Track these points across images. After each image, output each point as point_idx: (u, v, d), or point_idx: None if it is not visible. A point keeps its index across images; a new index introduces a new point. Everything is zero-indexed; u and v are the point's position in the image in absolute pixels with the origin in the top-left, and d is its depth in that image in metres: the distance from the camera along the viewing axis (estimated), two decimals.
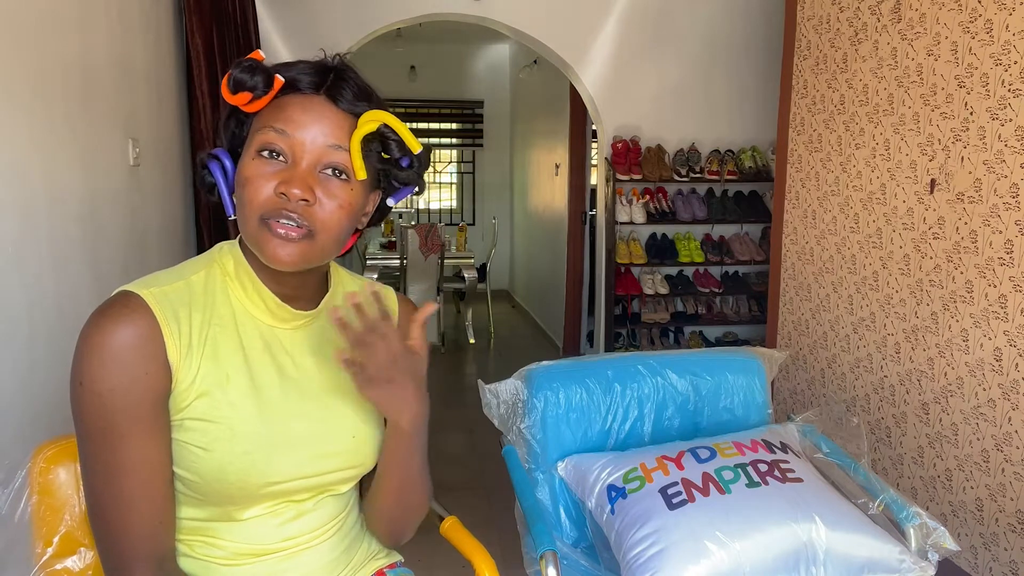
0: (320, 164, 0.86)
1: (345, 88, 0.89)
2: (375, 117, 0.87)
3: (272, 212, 0.84)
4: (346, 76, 0.91)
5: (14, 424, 1.75)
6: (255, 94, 0.86)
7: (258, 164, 0.86)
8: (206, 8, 3.06)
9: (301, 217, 0.85)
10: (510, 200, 8.12)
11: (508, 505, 1.67)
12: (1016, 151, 2.07)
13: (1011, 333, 2.10)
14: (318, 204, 0.86)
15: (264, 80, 0.86)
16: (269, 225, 0.85)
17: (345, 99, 0.88)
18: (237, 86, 0.85)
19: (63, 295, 2.01)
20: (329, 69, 0.90)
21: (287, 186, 0.84)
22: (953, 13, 2.29)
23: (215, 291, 0.91)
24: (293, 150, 0.86)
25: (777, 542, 1.43)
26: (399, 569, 1.13)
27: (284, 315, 0.94)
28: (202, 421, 0.86)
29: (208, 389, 0.87)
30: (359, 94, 0.90)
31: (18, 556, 1.00)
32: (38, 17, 1.91)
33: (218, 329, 0.89)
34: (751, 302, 4.61)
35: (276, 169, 0.85)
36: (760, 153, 4.44)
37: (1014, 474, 2.10)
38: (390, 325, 0.87)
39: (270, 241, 0.85)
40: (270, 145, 0.86)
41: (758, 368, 1.91)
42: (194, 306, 0.88)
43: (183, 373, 0.85)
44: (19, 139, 1.81)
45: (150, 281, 0.88)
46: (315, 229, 0.86)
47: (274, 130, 0.86)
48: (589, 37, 4.32)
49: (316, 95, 0.88)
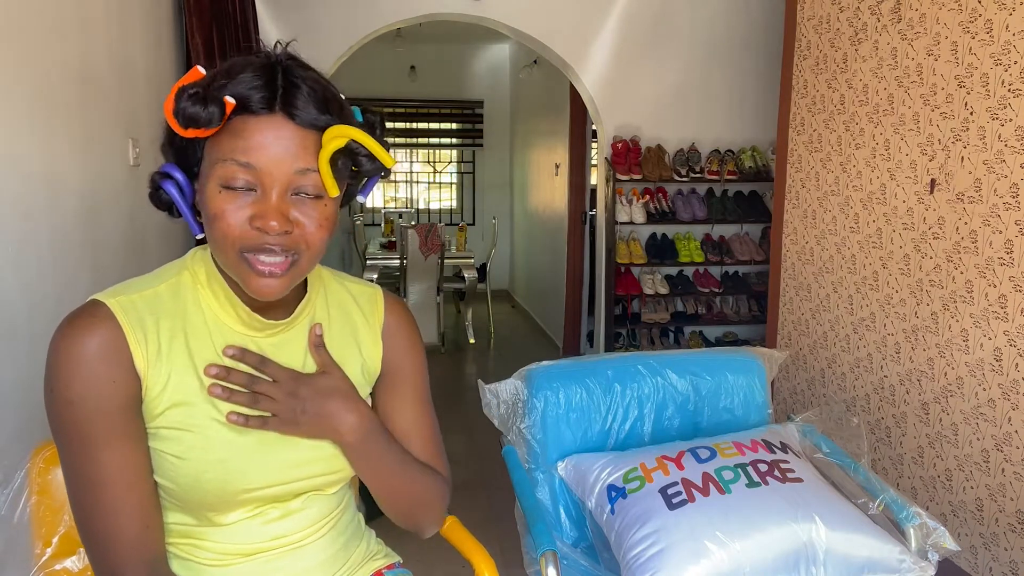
0: (290, 188, 0.82)
1: (300, 99, 0.80)
2: (340, 133, 0.80)
3: (252, 246, 0.81)
4: (298, 82, 0.82)
5: (13, 424, 1.75)
6: (211, 126, 0.79)
7: (225, 198, 0.80)
8: (206, 8, 3.06)
9: (283, 248, 0.82)
10: (510, 200, 8.12)
11: (508, 505, 1.67)
12: (1016, 151, 2.07)
13: (1011, 333, 2.10)
14: (297, 228, 0.82)
15: (218, 109, 0.78)
16: (249, 261, 0.82)
17: (304, 114, 0.80)
18: (190, 122, 0.78)
19: (63, 295, 2.01)
20: (275, 72, 0.81)
21: (263, 220, 0.80)
22: (953, 13, 2.29)
23: (186, 299, 0.89)
24: (260, 180, 0.80)
25: (777, 542, 1.43)
26: (398, 570, 1.12)
27: (257, 325, 0.91)
28: (176, 430, 0.85)
29: (181, 399, 0.86)
30: (317, 103, 0.81)
31: (17, 556, 1.00)
32: (38, 18, 1.91)
33: (189, 337, 0.88)
34: (751, 302, 4.61)
35: (246, 201, 0.81)
36: (760, 153, 4.44)
37: (1014, 474, 2.10)
38: (269, 366, 0.89)
39: (253, 277, 0.82)
40: (235, 179, 0.80)
41: (758, 368, 1.91)
42: (162, 314, 0.87)
43: (152, 381, 0.85)
44: (19, 139, 1.81)
45: (119, 289, 0.87)
46: (299, 252, 0.84)
47: (237, 163, 0.79)
48: (589, 37, 4.32)
49: (272, 114, 0.80)
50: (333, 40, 4.06)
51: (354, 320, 1.01)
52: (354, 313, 1.02)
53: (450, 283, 5.92)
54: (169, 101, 0.80)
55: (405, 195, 8.41)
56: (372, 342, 1.02)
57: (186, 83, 0.80)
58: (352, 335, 1.01)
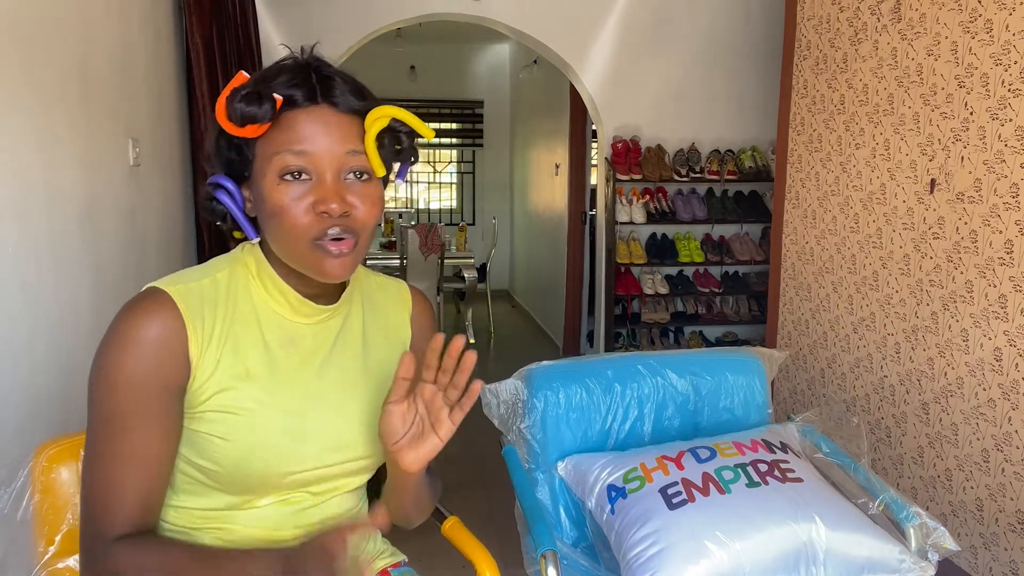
0: (343, 172, 0.88)
1: (337, 89, 0.88)
2: (383, 113, 0.88)
3: (320, 233, 0.86)
4: (329, 74, 0.89)
5: (15, 424, 1.75)
6: (263, 123, 0.85)
7: (285, 189, 0.86)
8: (206, 8, 3.06)
9: (346, 229, 0.87)
10: (510, 200, 8.11)
11: (508, 505, 1.67)
12: (1016, 151, 2.07)
13: (1011, 333, 2.10)
14: (354, 211, 0.87)
15: (270, 106, 0.85)
16: (323, 247, 0.87)
17: (345, 101, 0.88)
18: (246, 119, 0.84)
19: (63, 295, 2.01)
20: (308, 70, 0.88)
21: (324, 204, 0.85)
22: (953, 13, 2.29)
23: (238, 289, 0.94)
24: (315, 166, 0.86)
25: (777, 542, 1.43)
26: (403, 568, 1.13)
27: (306, 311, 0.96)
28: (223, 412, 0.89)
29: (230, 383, 0.89)
30: (354, 92, 0.89)
31: (20, 555, 1.00)
32: (38, 17, 1.91)
33: (240, 325, 0.92)
34: (751, 302, 4.61)
35: (304, 189, 0.86)
36: (760, 153, 4.44)
37: (1014, 474, 2.10)
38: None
39: (327, 260, 0.88)
40: (291, 167, 0.86)
41: (758, 368, 1.91)
42: (218, 303, 0.91)
43: (202, 369, 0.88)
44: (19, 139, 1.81)
45: (177, 279, 0.91)
46: (359, 234, 0.89)
47: (291, 152, 0.85)
48: (589, 37, 4.32)
49: (316, 105, 0.87)
50: (333, 40, 4.06)
51: (387, 311, 1.07)
52: (386, 304, 1.08)
53: (450, 283, 5.92)
54: (221, 106, 0.85)
55: (405, 195, 8.41)
56: (404, 326, 1.08)
57: (237, 85, 0.86)
58: (385, 326, 1.06)
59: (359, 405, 0.99)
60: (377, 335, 1.04)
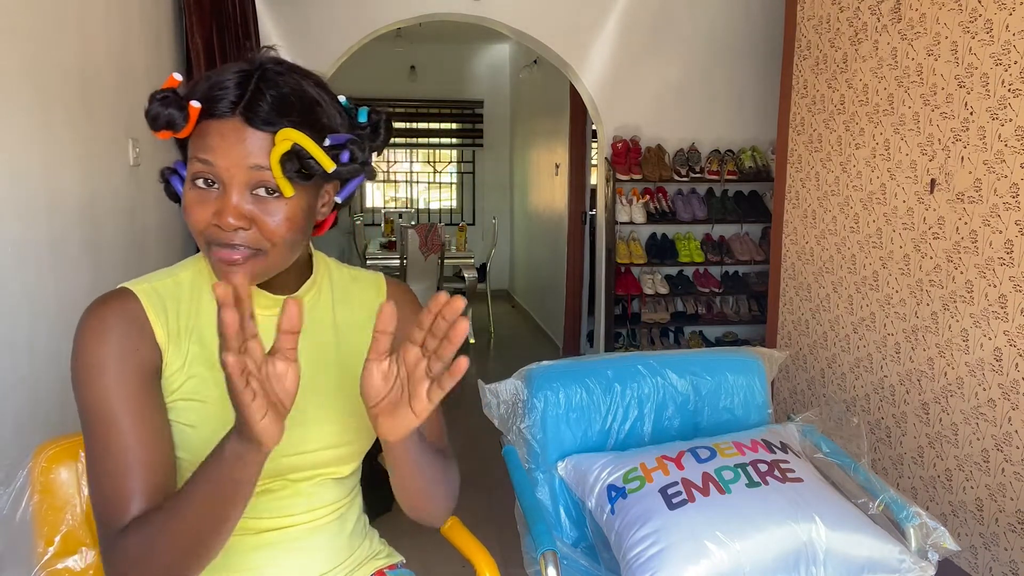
0: (249, 185, 0.87)
1: (261, 104, 0.85)
2: (286, 137, 0.85)
3: (213, 238, 0.88)
4: (265, 88, 0.87)
5: (14, 424, 1.75)
6: (175, 128, 0.86)
7: (194, 193, 0.88)
8: (206, 8, 3.06)
9: (241, 243, 0.87)
10: (510, 200, 8.11)
11: (508, 505, 1.67)
12: (1016, 151, 2.07)
13: (1011, 333, 2.10)
14: (257, 225, 0.87)
15: (180, 112, 0.85)
16: (212, 251, 0.88)
17: (260, 118, 0.85)
18: (155, 123, 0.85)
19: (63, 295, 2.01)
20: (248, 78, 0.87)
21: (220, 217, 0.86)
22: (953, 13, 2.29)
23: (202, 285, 0.97)
24: (220, 177, 0.86)
25: (777, 542, 1.43)
26: (400, 570, 1.13)
27: (264, 301, 0.96)
28: (191, 401, 0.91)
29: (197, 371, 0.92)
30: (278, 108, 0.86)
31: (19, 556, 1.00)
32: (38, 17, 1.91)
33: (204, 318, 0.94)
34: (751, 302, 4.61)
35: (212, 196, 0.87)
36: (760, 153, 4.44)
37: (1014, 474, 2.10)
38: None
39: (217, 266, 0.89)
40: (200, 174, 0.87)
41: (758, 368, 1.91)
42: (180, 300, 0.95)
43: (172, 357, 0.91)
44: (19, 140, 1.81)
45: (143, 279, 0.95)
46: (261, 247, 0.88)
47: (199, 160, 0.87)
48: (589, 37, 4.32)
49: (231, 118, 0.85)
50: (333, 40, 4.06)
51: (361, 300, 1.07)
52: (360, 295, 1.07)
53: (450, 283, 5.92)
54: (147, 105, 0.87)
55: (405, 195, 8.41)
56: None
57: (161, 89, 0.87)
58: (360, 315, 1.05)
59: (331, 394, 0.99)
60: (351, 326, 1.04)
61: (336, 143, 0.89)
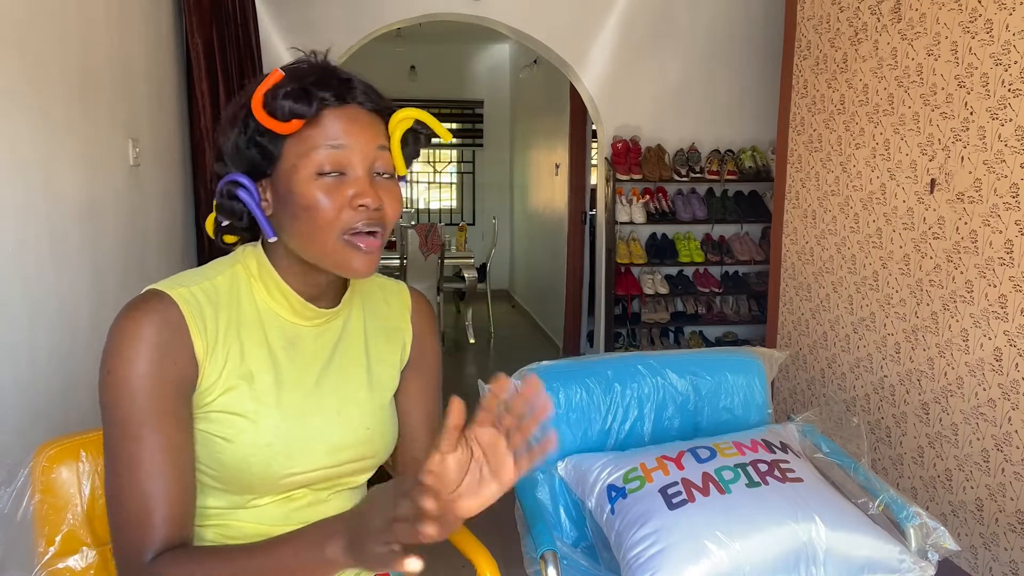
0: (372, 169, 0.90)
1: (359, 91, 0.91)
2: (407, 115, 0.92)
3: (350, 225, 0.88)
4: (344, 76, 0.92)
5: (15, 424, 1.75)
6: (308, 118, 0.87)
7: (321, 185, 0.87)
8: (206, 8, 3.06)
9: (377, 224, 0.89)
10: (510, 200, 8.11)
11: (508, 505, 1.66)
12: (1016, 151, 2.07)
13: (1011, 333, 2.10)
14: (384, 207, 0.90)
15: (318, 103, 0.87)
16: (353, 242, 0.88)
17: (370, 102, 0.91)
18: (292, 114, 0.86)
19: (63, 295, 2.01)
20: (326, 71, 0.91)
21: (362, 198, 0.87)
22: (953, 13, 2.29)
23: (239, 291, 0.94)
24: (350, 161, 0.88)
25: (777, 542, 1.43)
26: None
27: (307, 313, 0.97)
28: (227, 413, 0.89)
29: (234, 384, 0.90)
30: (374, 95, 0.93)
31: (20, 555, 1.00)
32: (38, 17, 1.91)
33: (244, 327, 0.92)
34: (751, 302, 4.61)
35: (338, 184, 0.88)
36: (760, 153, 4.44)
37: (1014, 474, 2.10)
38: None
39: (357, 256, 0.89)
40: (329, 164, 0.87)
41: (758, 368, 1.91)
42: (220, 306, 0.91)
43: (209, 369, 0.88)
44: (19, 139, 1.81)
45: (177, 281, 0.91)
46: (385, 231, 0.91)
47: (331, 147, 0.87)
48: (589, 37, 4.32)
49: (347, 105, 0.90)
50: (333, 40, 4.05)
51: (387, 312, 1.08)
52: (385, 306, 1.08)
53: (450, 283, 5.92)
54: (259, 102, 0.86)
55: (405, 195, 8.38)
56: (405, 327, 1.09)
57: (275, 82, 0.87)
58: (386, 327, 1.07)
59: (360, 407, 0.99)
60: (378, 336, 1.05)
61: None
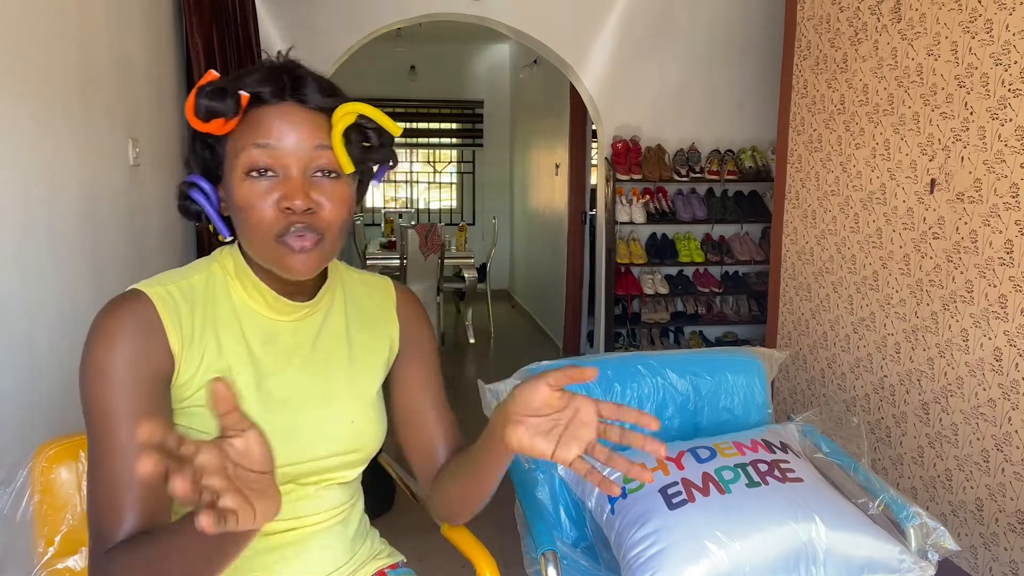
0: (310, 169, 0.87)
1: (307, 87, 0.88)
2: (350, 109, 0.87)
3: (283, 229, 0.87)
4: (301, 73, 0.90)
5: (15, 424, 1.75)
6: (227, 117, 0.86)
7: (251, 185, 0.86)
8: (206, 8, 3.06)
9: (309, 226, 0.87)
10: (510, 200, 8.11)
11: (508, 505, 1.66)
12: (1016, 151, 2.07)
13: (1011, 333, 2.10)
14: (320, 208, 0.88)
15: (234, 101, 0.86)
16: (285, 242, 0.87)
17: (313, 98, 0.88)
18: (210, 114, 0.85)
19: (63, 295, 2.01)
20: (280, 70, 0.89)
21: (288, 200, 0.85)
22: (953, 13, 2.29)
23: (216, 290, 0.95)
24: (281, 161, 0.86)
25: (777, 542, 1.43)
26: (401, 569, 1.13)
27: (283, 308, 0.97)
28: (204, 408, 0.89)
29: (211, 378, 0.89)
30: (323, 89, 0.89)
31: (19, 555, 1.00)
32: (38, 17, 1.91)
33: (220, 325, 0.93)
34: (751, 302, 4.61)
35: (270, 185, 0.86)
36: (760, 153, 4.44)
37: (1014, 474, 2.10)
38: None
39: (291, 257, 0.88)
40: (257, 163, 0.86)
41: (758, 368, 1.91)
42: (196, 304, 0.92)
43: (185, 364, 0.89)
44: (19, 139, 1.81)
45: (155, 280, 0.93)
46: (323, 233, 0.89)
47: (257, 146, 0.86)
48: (589, 37, 4.32)
49: (283, 102, 0.88)
50: (333, 40, 4.06)
51: (371, 306, 1.07)
52: (369, 300, 1.08)
53: (450, 283, 5.92)
54: (189, 102, 0.86)
55: (405, 195, 8.41)
56: (390, 320, 1.08)
57: (204, 83, 0.87)
58: (371, 321, 1.06)
59: (343, 400, 0.99)
60: (362, 330, 1.05)
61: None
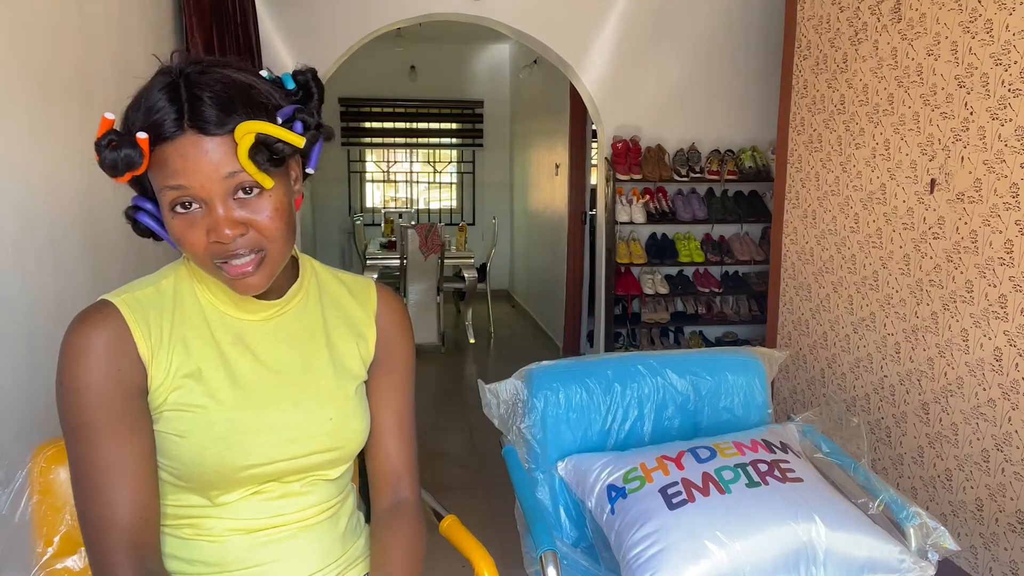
0: (229, 193, 0.86)
1: (205, 109, 0.83)
2: (247, 130, 0.83)
3: (217, 255, 0.87)
4: (199, 92, 0.84)
5: (14, 424, 1.75)
6: (136, 167, 0.83)
7: (180, 221, 0.87)
8: (206, 8, 3.06)
9: (246, 248, 0.87)
10: (510, 200, 8.11)
11: (508, 505, 1.67)
12: (1016, 151, 2.07)
13: (1011, 333, 2.10)
14: (252, 227, 0.87)
15: (135, 150, 0.82)
16: (223, 268, 0.88)
17: (211, 123, 0.83)
18: (115, 169, 0.83)
19: (63, 295, 2.01)
20: (177, 89, 0.84)
21: (216, 233, 0.85)
22: (953, 13, 2.29)
23: (183, 293, 0.97)
24: (197, 196, 0.85)
25: (777, 542, 1.43)
26: None
27: (251, 308, 0.98)
28: (178, 411, 0.91)
29: (181, 382, 0.92)
30: (222, 107, 0.84)
31: (19, 556, 1.00)
32: (38, 17, 1.91)
33: (188, 327, 0.94)
34: (751, 302, 4.61)
35: (199, 216, 0.86)
36: (760, 153, 4.44)
37: (1014, 474, 2.10)
38: None
39: (232, 280, 0.89)
40: (177, 201, 0.86)
41: (758, 368, 1.91)
42: (164, 308, 0.94)
43: (156, 370, 0.91)
44: (19, 139, 1.81)
45: (124, 289, 0.95)
46: (263, 248, 0.89)
47: (170, 188, 0.85)
48: (589, 37, 4.32)
49: (183, 135, 0.83)
50: (333, 40, 4.06)
51: (348, 307, 1.07)
52: (348, 300, 1.07)
53: (450, 283, 5.92)
54: (97, 155, 0.84)
55: (405, 195, 8.41)
56: (367, 326, 1.07)
57: (99, 136, 0.84)
58: (347, 321, 1.06)
59: (321, 397, 1.00)
60: (340, 327, 1.05)
61: (286, 117, 0.88)
